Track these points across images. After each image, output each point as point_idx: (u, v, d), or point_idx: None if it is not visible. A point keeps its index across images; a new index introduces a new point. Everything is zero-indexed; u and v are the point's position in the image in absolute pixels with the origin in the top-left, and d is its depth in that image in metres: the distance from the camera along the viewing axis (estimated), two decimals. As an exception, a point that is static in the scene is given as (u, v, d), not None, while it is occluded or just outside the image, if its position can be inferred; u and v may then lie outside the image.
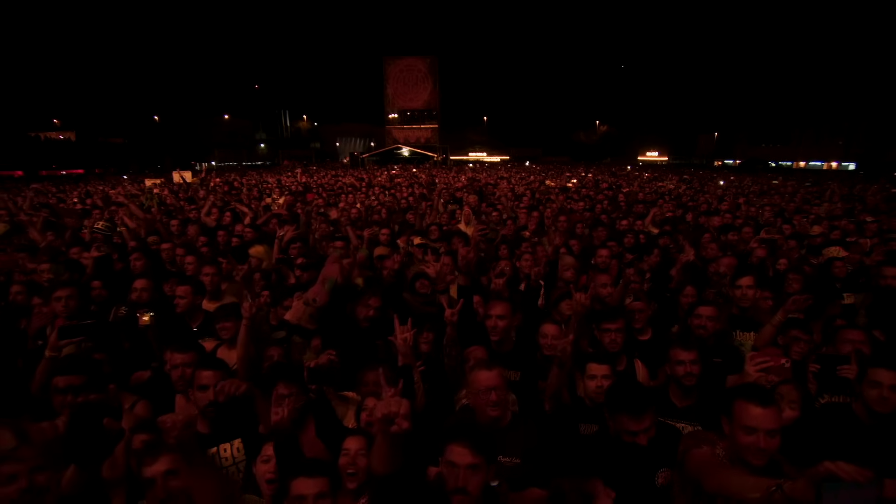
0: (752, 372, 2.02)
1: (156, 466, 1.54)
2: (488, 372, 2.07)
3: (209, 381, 2.19)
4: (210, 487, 1.49)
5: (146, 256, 4.77)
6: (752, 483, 1.46)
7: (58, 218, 7.93)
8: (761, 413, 1.64)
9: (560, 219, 6.07)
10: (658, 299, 3.95)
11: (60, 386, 2.12)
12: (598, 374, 2.43)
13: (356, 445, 1.90)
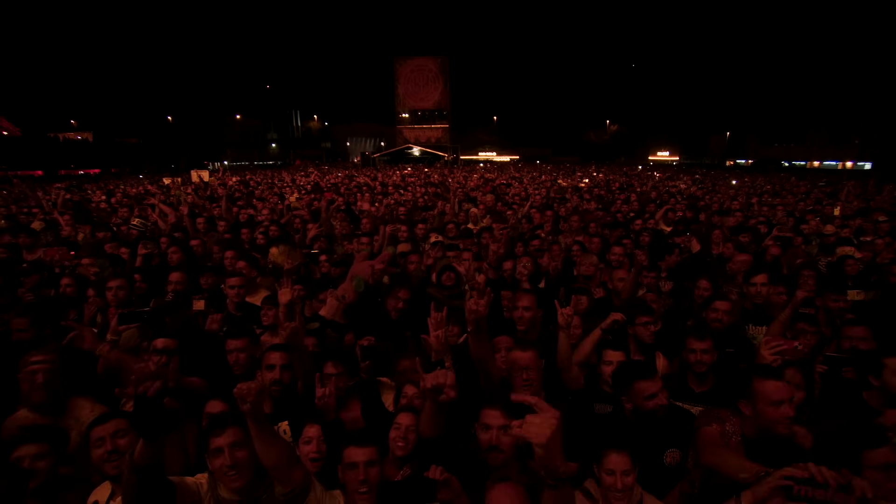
0: (768, 356, 2.18)
1: (223, 438, 1.72)
2: (524, 353, 2.26)
3: (277, 361, 2.39)
4: (277, 452, 1.67)
5: (182, 251, 5.02)
6: (746, 466, 1.61)
7: (88, 215, 8.26)
8: (782, 387, 1.81)
9: (573, 218, 6.23)
10: (674, 295, 4.10)
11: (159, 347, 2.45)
12: (613, 360, 2.60)
13: (407, 421, 2.10)
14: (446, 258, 4.32)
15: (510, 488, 1.51)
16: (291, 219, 7.08)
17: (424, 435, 1.98)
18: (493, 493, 1.52)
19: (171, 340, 2.63)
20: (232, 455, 1.68)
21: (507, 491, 1.50)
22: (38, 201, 9.88)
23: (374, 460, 1.71)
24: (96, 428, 1.88)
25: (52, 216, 7.76)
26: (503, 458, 1.73)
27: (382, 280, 3.67)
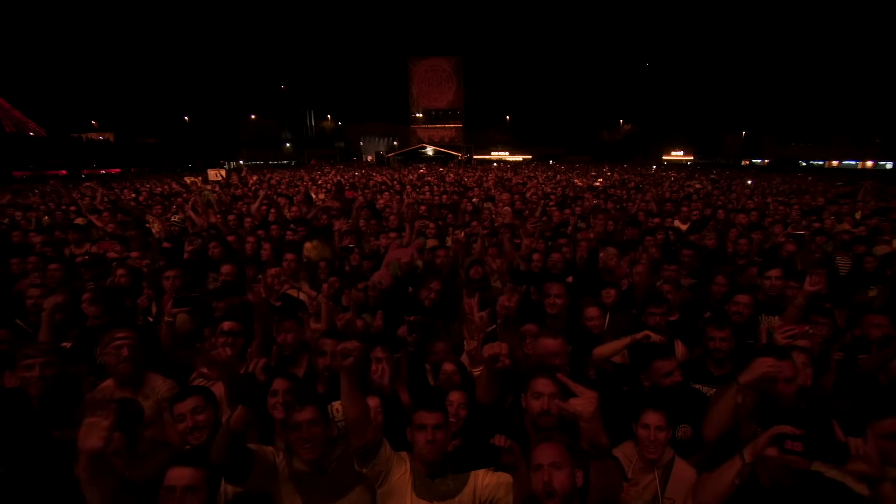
0: (781, 340, 2.39)
1: (302, 414, 1.96)
2: (553, 340, 2.50)
3: (329, 348, 2.66)
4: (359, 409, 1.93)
5: (222, 245, 5.34)
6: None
7: (125, 212, 8.66)
8: (782, 364, 2.02)
9: (598, 217, 6.45)
10: (693, 289, 4.33)
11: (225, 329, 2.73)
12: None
13: (459, 398, 2.36)
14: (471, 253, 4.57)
15: (554, 445, 1.75)
16: (318, 215, 7.38)
17: (483, 402, 2.24)
18: (539, 450, 1.76)
19: (237, 324, 2.92)
20: (308, 430, 1.93)
21: (552, 447, 1.74)
22: (73, 199, 10.35)
23: (441, 424, 1.97)
24: (178, 405, 2.12)
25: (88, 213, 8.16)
26: (553, 422, 1.98)
27: (416, 266, 3.94)
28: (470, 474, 1.97)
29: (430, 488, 1.94)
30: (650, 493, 2.01)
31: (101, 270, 4.92)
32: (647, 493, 2.00)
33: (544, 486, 1.69)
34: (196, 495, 1.68)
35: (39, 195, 13.19)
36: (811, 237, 6.09)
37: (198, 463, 1.74)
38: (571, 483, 1.71)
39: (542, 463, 1.72)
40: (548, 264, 4.08)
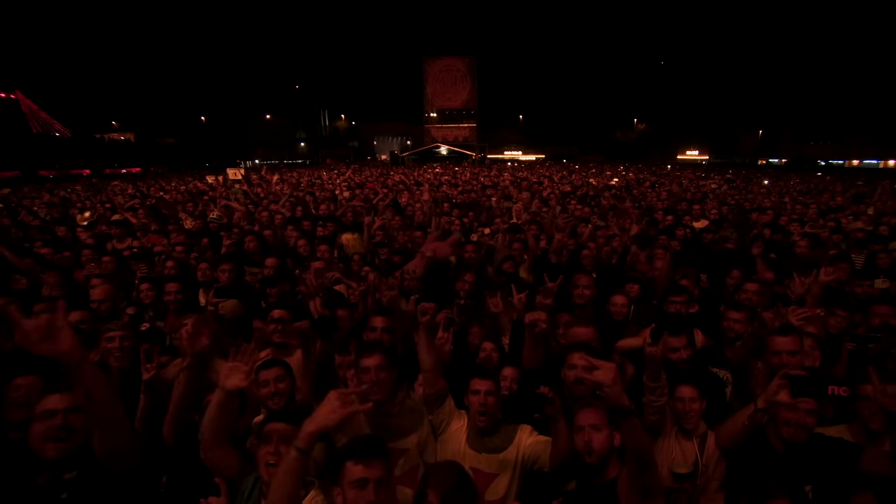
0: (794, 321, 2.61)
1: (371, 360, 2.20)
2: (586, 329, 2.76)
3: (379, 324, 2.93)
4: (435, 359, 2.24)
5: (259, 239, 5.68)
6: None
7: (160, 209, 9.10)
8: (782, 340, 2.33)
9: (622, 217, 6.70)
10: (711, 283, 4.54)
11: (275, 316, 3.03)
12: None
13: (511, 374, 2.64)
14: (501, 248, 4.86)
15: (594, 410, 2.00)
16: (345, 212, 7.70)
17: (528, 367, 2.54)
18: (581, 414, 2.01)
19: (286, 311, 3.21)
20: (377, 374, 2.19)
21: (592, 411, 1.99)
22: (108, 197, 10.85)
23: (493, 390, 2.23)
24: (263, 371, 2.39)
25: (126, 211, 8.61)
26: (586, 390, 2.25)
27: (450, 259, 4.23)
28: (516, 433, 2.25)
29: (481, 443, 2.23)
30: (691, 460, 2.25)
31: (149, 262, 5.29)
32: (689, 459, 2.25)
33: (585, 446, 1.95)
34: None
35: (76, 193, 13.76)
36: (828, 235, 6.23)
37: (285, 418, 2.05)
38: (609, 443, 1.97)
39: (584, 425, 1.97)
40: (580, 259, 4.34)
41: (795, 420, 1.96)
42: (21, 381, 2.45)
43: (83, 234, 6.98)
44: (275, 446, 1.92)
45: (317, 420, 1.61)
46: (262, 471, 1.92)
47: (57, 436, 1.83)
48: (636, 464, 1.80)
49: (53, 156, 39.50)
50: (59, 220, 8.44)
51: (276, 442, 1.93)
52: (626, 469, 1.88)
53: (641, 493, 1.83)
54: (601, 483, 1.96)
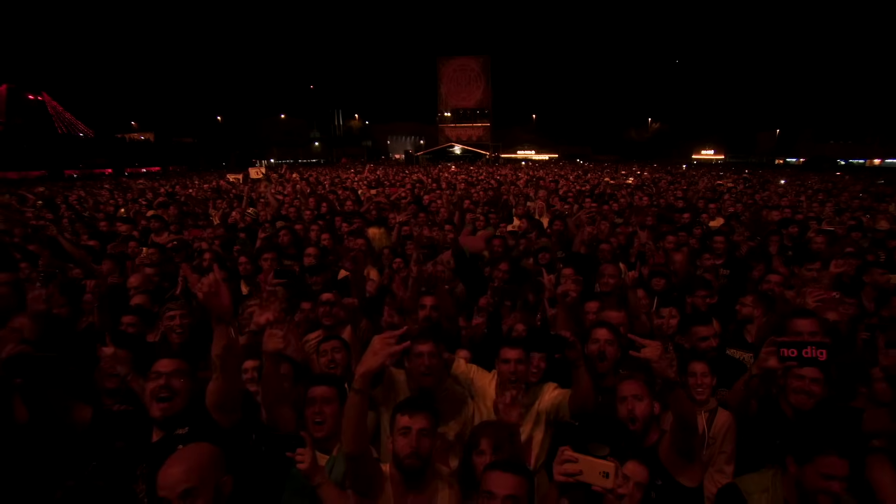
0: (811, 302, 2.80)
1: (424, 346, 2.46)
2: (618, 313, 2.98)
3: (430, 303, 3.20)
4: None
5: (292, 233, 5.98)
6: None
7: (190, 206, 9.49)
8: (803, 322, 2.50)
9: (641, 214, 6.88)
10: (730, 278, 4.73)
11: (324, 300, 3.31)
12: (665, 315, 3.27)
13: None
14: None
15: (636, 381, 2.20)
16: (370, 209, 7.98)
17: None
18: (624, 385, 2.20)
19: (332, 294, 3.49)
20: (429, 360, 2.45)
21: (634, 383, 2.19)
22: (141, 195, 11.30)
23: (522, 359, 2.46)
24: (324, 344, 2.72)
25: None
26: (608, 366, 2.47)
27: (483, 253, 4.48)
28: (542, 389, 2.48)
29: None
30: (699, 431, 2.45)
31: (188, 254, 5.62)
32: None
33: (629, 414, 2.14)
34: (331, 405, 2.23)
35: (108, 190, 14.29)
36: (846, 232, 6.32)
37: (332, 381, 2.32)
38: (650, 411, 2.16)
39: (627, 395, 2.17)
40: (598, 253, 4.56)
41: (801, 387, 2.16)
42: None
43: (123, 228, 7.37)
44: (319, 406, 2.17)
45: (365, 363, 1.82)
46: (310, 428, 2.16)
47: (160, 395, 2.09)
48: (681, 430, 1.98)
49: (78, 155, 40.62)
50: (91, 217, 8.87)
51: (320, 403, 2.18)
52: (669, 434, 2.06)
53: (684, 455, 2.01)
54: (644, 448, 2.15)
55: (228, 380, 2.08)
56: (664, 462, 2.06)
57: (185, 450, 1.68)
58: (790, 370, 2.24)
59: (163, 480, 1.53)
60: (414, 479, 1.89)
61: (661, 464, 2.06)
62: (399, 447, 1.87)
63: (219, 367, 2.09)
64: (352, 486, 1.89)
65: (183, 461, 1.58)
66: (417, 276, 3.45)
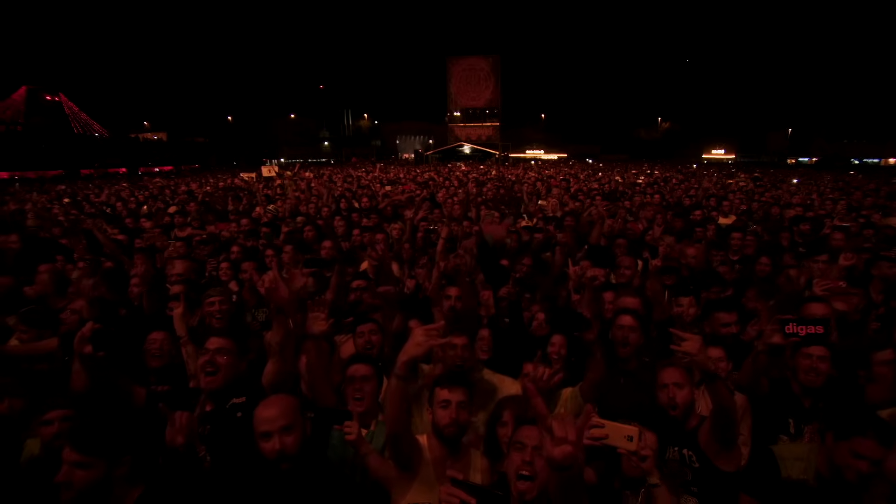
0: (819, 291, 2.93)
1: (460, 340, 2.63)
2: (634, 298, 3.12)
3: (453, 293, 3.34)
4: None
5: (315, 228, 6.20)
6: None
7: (209, 203, 9.78)
8: (816, 306, 2.63)
9: (646, 210, 7.00)
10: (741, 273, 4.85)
11: (353, 286, 3.50)
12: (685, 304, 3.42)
13: (560, 341, 2.98)
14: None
15: (676, 369, 2.24)
16: (386, 205, 8.20)
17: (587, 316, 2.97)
18: (664, 372, 2.26)
19: (364, 281, 3.68)
20: (463, 352, 2.62)
21: (675, 370, 2.24)
22: (161, 192, 11.63)
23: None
24: (360, 327, 2.89)
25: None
26: (629, 352, 2.61)
27: (505, 243, 4.67)
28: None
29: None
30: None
31: (216, 248, 5.85)
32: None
33: (669, 401, 2.21)
34: (369, 383, 2.39)
35: (128, 188, 14.67)
36: (859, 230, 6.39)
37: (369, 361, 2.50)
38: (691, 398, 2.23)
39: (668, 382, 2.23)
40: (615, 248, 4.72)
41: (809, 366, 2.29)
42: (155, 335, 2.98)
43: (147, 224, 7.65)
44: (359, 384, 2.35)
45: (407, 351, 1.93)
46: (350, 404, 2.33)
47: (206, 369, 2.31)
48: (722, 418, 2.06)
49: (93, 155, 41.41)
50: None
51: (360, 381, 2.35)
52: (709, 422, 2.14)
53: (723, 442, 2.11)
54: (685, 432, 2.22)
55: (284, 363, 2.30)
56: (703, 447, 2.14)
57: (276, 397, 1.91)
58: (798, 351, 2.37)
59: (264, 416, 1.80)
60: (453, 446, 2.07)
61: (700, 448, 2.14)
62: (439, 418, 2.04)
63: (277, 352, 2.31)
64: (392, 460, 2.04)
65: (278, 404, 1.84)
66: (442, 267, 3.62)
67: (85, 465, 1.58)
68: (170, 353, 2.96)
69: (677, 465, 2.20)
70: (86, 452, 1.59)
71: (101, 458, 1.61)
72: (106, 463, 1.61)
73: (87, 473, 1.58)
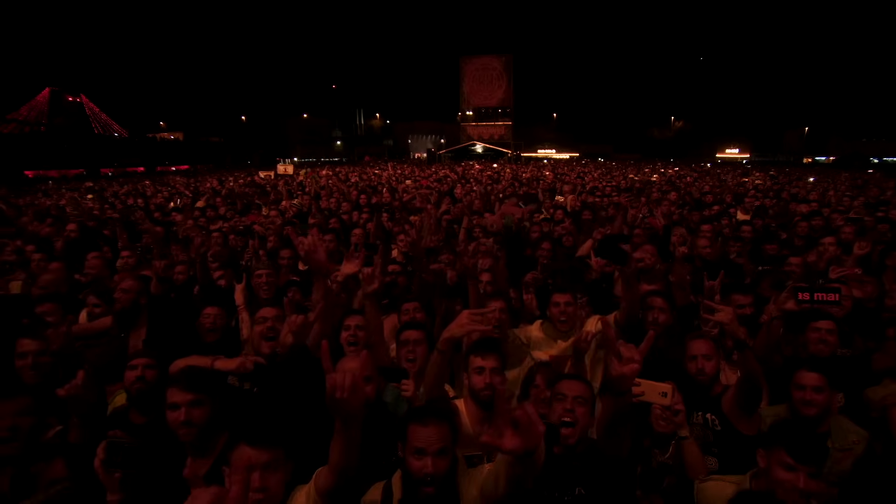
0: (834, 277, 3.09)
1: (496, 303, 2.87)
2: (652, 286, 3.31)
3: (486, 278, 3.59)
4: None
5: (340, 222, 6.48)
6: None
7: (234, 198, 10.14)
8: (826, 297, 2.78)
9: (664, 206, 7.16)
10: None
11: (389, 270, 3.73)
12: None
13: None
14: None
15: (705, 341, 2.42)
16: (411, 199, 8.47)
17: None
18: (693, 344, 2.43)
19: (399, 266, 3.93)
20: (500, 315, 2.86)
21: (703, 342, 2.42)
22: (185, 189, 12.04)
23: (571, 302, 2.91)
24: (405, 305, 3.16)
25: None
26: (660, 330, 2.79)
27: (525, 226, 4.91)
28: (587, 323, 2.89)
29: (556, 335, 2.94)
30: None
31: (250, 237, 6.16)
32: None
33: (697, 371, 2.38)
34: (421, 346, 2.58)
35: (152, 185, 15.16)
36: (874, 224, 6.46)
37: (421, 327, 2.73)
38: (717, 367, 2.40)
39: (697, 354, 2.39)
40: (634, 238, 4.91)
41: (819, 338, 2.48)
42: (209, 310, 3.24)
43: (178, 217, 8.00)
44: (412, 347, 2.57)
45: (450, 330, 2.12)
46: (404, 365, 2.56)
47: (267, 335, 2.57)
48: (748, 385, 2.23)
49: (113, 154, 42.37)
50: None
51: (413, 344, 2.57)
52: (735, 388, 2.32)
53: (745, 407, 2.28)
54: (710, 397, 2.41)
55: (325, 323, 2.53)
56: (726, 412, 2.32)
57: (351, 355, 2.19)
58: (808, 325, 2.54)
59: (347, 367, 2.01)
60: (488, 408, 2.28)
61: (724, 413, 2.33)
62: (474, 383, 2.24)
63: (318, 312, 2.52)
64: None
65: (356, 359, 2.07)
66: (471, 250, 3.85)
67: (199, 402, 1.83)
68: (223, 326, 3.22)
69: (700, 429, 2.40)
70: (196, 391, 1.84)
71: (210, 397, 1.86)
72: (212, 401, 1.85)
73: (202, 411, 1.83)
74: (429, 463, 1.59)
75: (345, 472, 1.50)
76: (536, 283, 3.88)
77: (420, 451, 1.61)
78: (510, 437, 1.27)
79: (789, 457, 1.67)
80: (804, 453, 1.67)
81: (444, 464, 1.63)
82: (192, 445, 1.87)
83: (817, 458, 1.71)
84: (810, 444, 1.72)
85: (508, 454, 1.30)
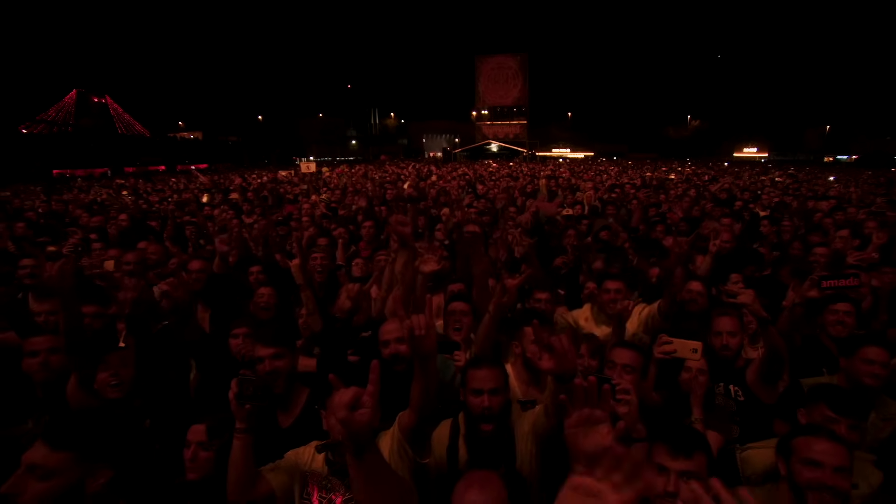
0: (853, 262, 3.27)
1: (542, 295, 3.18)
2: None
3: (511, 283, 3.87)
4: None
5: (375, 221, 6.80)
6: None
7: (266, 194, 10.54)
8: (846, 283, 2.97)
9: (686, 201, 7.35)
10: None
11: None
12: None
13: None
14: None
15: (730, 318, 2.60)
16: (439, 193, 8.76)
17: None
18: (718, 321, 2.61)
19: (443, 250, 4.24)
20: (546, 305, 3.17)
21: (729, 319, 2.59)
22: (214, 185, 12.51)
23: (621, 289, 3.10)
24: (451, 285, 3.44)
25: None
26: (696, 308, 3.04)
27: (556, 220, 5.17)
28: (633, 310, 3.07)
29: (604, 320, 3.15)
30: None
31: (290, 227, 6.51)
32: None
33: (722, 346, 2.57)
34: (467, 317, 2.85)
35: (178, 181, 15.72)
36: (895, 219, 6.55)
37: (467, 299, 2.99)
38: (740, 343, 2.58)
39: (722, 331, 2.58)
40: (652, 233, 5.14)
41: (837, 320, 2.66)
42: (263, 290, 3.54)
43: (215, 212, 8.40)
44: (458, 317, 2.84)
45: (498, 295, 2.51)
46: (451, 335, 2.82)
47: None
48: (772, 358, 2.38)
49: (136, 153, 43.53)
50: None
51: (459, 314, 2.85)
52: (759, 361, 2.48)
53: (768, 379, 2.45)
54: (734, 370, 2.61)
55: (406, 289, 2.80)
56: (749, 383, 2.51)
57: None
58: (826, 307, 2.74)
59: (386, 334, 2.35)
60: (535, 374, 2.51)
61: (747, 384, 2.51)
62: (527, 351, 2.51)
63: (401, 279, 2.81)
64: None
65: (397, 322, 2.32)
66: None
67: (279, 355, 2.13)
68: (275, 304, 3.48)
69: (723, 399, 2.62)
70: (277, 344, 2.15)
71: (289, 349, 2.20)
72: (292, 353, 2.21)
73: (284, 362, 2.14)
74: (485, 399, 1.86)
75: (424, 410, 1.68)
76: (567, 266, 4.13)
77: (477, 392, 1.88)
78: (547, 358, 1.56)
79: (830, 410, 1.83)
80: (845, 406, 1.83)
81: (498, 401, 1.89)
82: (280, 397, 2.16)
83: (857, 412, 1.85)
84: (850, 398, 1.89)
85: (547, 372, 1.58)
